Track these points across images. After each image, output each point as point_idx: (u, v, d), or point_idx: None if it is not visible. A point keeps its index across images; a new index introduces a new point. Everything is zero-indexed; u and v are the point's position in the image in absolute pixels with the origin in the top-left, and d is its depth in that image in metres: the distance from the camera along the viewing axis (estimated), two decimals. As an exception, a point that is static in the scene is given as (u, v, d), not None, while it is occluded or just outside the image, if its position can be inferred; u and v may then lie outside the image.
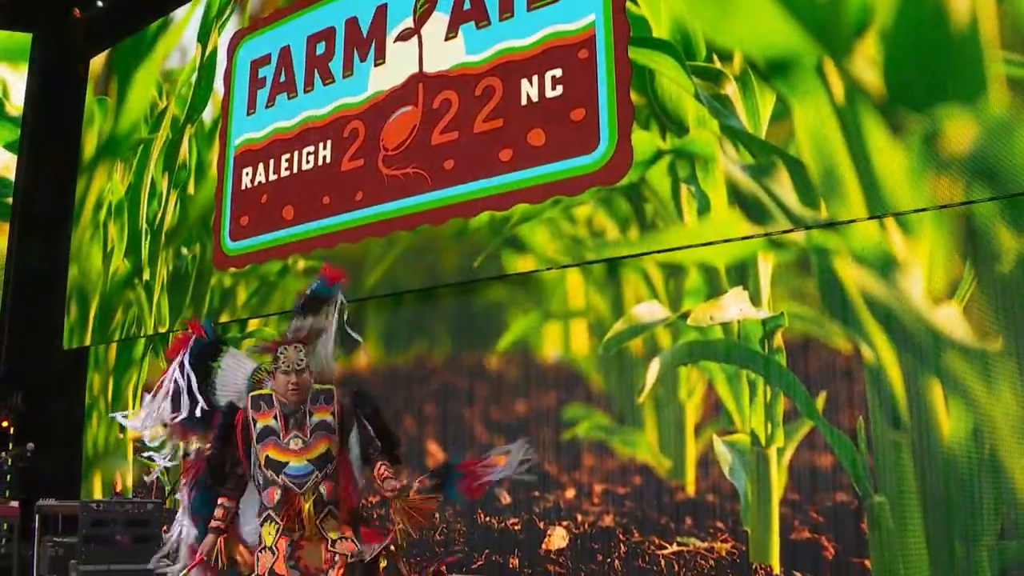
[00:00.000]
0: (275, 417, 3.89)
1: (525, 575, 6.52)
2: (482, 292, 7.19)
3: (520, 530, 6.63)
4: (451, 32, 7.34)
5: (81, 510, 6.43)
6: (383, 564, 3.83)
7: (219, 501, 3.88)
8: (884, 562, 5.15)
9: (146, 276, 9.71)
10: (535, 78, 6.74)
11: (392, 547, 3.82)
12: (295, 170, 8.31)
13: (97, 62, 10.98)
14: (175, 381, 4.08)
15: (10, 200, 10.82)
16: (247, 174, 8.75)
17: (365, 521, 3.96)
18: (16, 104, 10.99)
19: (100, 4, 10.89)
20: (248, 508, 3.96)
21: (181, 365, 4.10)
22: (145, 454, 4.25)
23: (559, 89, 6.62)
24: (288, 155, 8.38)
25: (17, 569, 6.79)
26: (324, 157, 8.08)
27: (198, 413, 4.04)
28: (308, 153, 8.22)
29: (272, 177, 8.51)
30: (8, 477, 9.40)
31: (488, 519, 6.79)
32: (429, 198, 7.21)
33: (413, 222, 7.32)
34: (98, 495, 9.73)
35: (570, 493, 6.48)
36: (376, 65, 7.83)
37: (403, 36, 7.68)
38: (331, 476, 3.83)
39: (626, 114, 6.29)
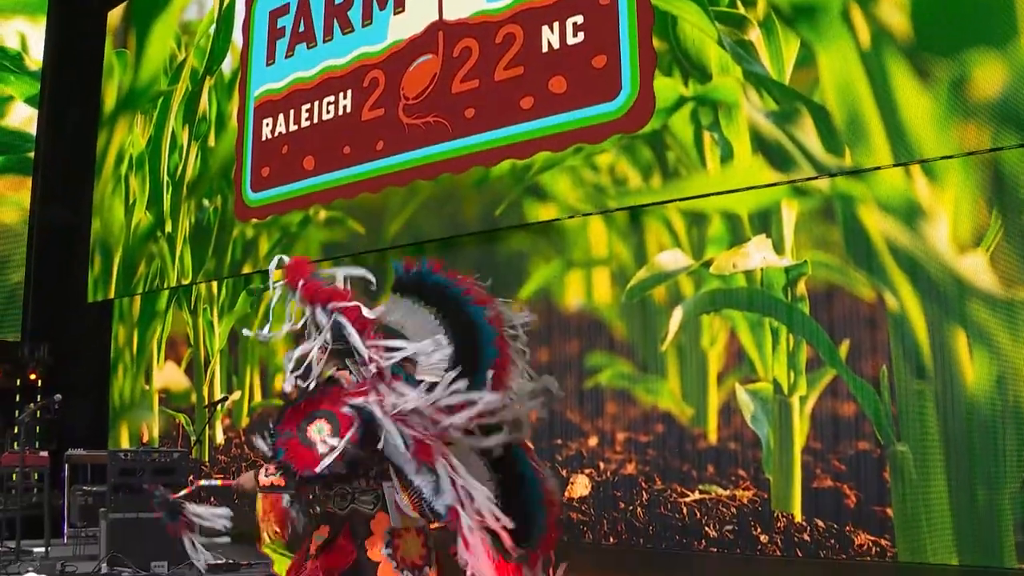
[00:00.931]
0: None
1: (548, 522, 6.56)
2: (504, 241, 7.18)
3: (543, 478, 6.66)
4: (471, -21, 7.26)
5: (109, 459, 6.51)
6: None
7: None
8: (906, 510, 5.16)
9: (168, 228, 9.75)
10: (556, 25, 6.67)
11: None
12: (315, 120, 8.29)
13: (115, 15, 10.93)
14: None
15: (32, 154, 10.85)
16: (267, 125, 8.73)
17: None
18: (36, 59, 10.96)
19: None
20: None
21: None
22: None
23: (580, 36, 6.55)
24: (308, 105, 8.36)
25: (49, 517, 6.90)
26: (344, 107, 8.05)
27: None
28: (328, 103, 8.19)
29: (292, 128, 8.50)
30: (37, 429, 9.55)
31: (511, 467, 6.83)
32: (450, 147, 7.18)
33: (434, 171, 7.30)
34: (125, 446, 9.86)
35: (593, 441, 6.52)
36: (395, 13, 7.76)
37: (422, -16, 7.60)
38: None
39: (648, 61, 6.23)
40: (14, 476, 7.30)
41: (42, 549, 6.54)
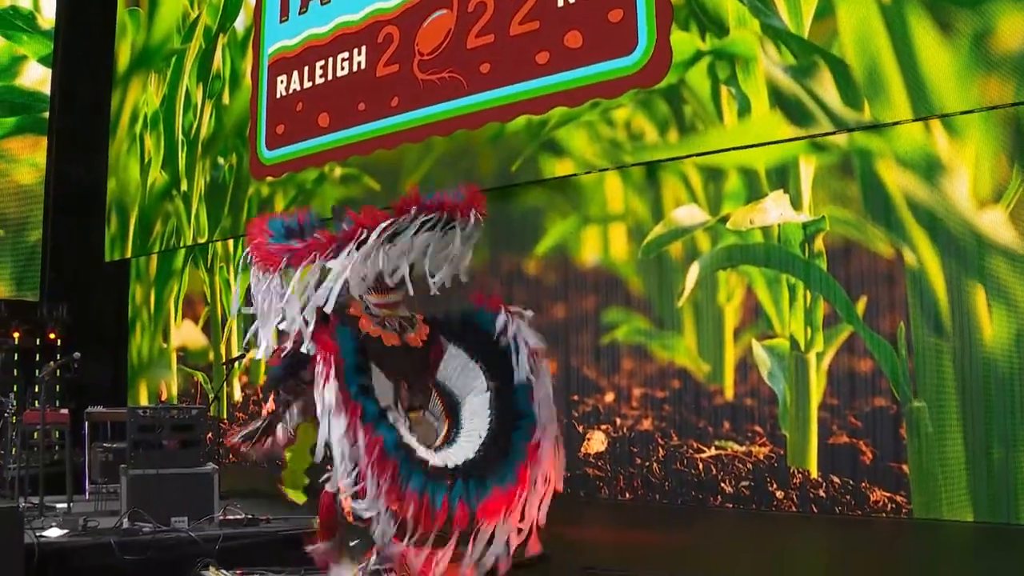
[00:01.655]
0: None
1: (564, 478, 6.59)
2: (520, 197, 7.15)
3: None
4: (485, -68, 7.18)
5: (129, 417, 6.56)
6: None
7: None
8: (922, 467, 5.16)
9: (184, 187, 9.76)
10: (572, -22, 6.60)
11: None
12: (330, 77, 8.26)
13: (127, -28, 10.88)
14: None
15: (46, 115, 10.84)
16: (282, 82, 8.70)
17: None
18: (48, 18, 10.92)
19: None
20: None
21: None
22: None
23: (596, -11, 6.48)
24: (322, 62, 8.32)
25: (70, 473, 6.97)
26: (359, 63, 8.01)
27: None
28: (343, 59, 8.15)
29: (307, 85, 8.47)
30: (57, 387, 9.63)
31: (527, 424, 6.85)
32: (465, 103, 7.14)
33: (449, 127, 7.27)
34: (144, 403, 9.93)
35: (609, 397, 6.53)
36: (409, -32, 7.70)
37: (436, -63, 7.52)
38: None
39: (665, 14, 6.16)
40: (35, 434, 7.37)
41: (64, 505, 6.61)
